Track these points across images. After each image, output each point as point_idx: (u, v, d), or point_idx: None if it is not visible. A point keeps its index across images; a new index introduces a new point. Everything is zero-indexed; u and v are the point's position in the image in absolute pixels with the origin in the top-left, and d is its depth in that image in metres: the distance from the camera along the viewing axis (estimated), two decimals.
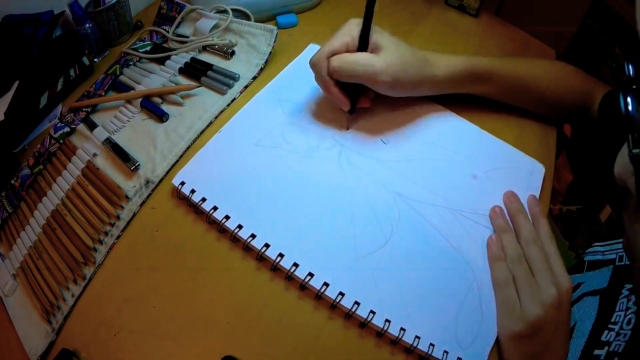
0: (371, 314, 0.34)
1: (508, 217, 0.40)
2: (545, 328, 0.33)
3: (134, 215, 0.42)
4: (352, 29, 0.42)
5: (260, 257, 0.38)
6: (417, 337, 0.33)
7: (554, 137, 0.52)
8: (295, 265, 0.37)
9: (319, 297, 0.36)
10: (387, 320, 0.34)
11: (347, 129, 0.46)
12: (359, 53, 0.41)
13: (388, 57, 0.40)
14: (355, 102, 0.44)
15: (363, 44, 0.41)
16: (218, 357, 0.33)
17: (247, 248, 0.39)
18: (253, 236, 0.38)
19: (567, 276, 0.35)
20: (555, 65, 0.50)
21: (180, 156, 0.46)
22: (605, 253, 0.45)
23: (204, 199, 0.40)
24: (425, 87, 0.44)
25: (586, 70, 0.51)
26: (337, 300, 0.35)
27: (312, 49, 0.55)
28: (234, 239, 0.39)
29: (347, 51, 0.41)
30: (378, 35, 0.41)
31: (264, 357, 0.34)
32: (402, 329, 0.34)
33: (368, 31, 0.41)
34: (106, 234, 0.41)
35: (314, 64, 0.42)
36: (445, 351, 0.33)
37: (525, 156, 0.46)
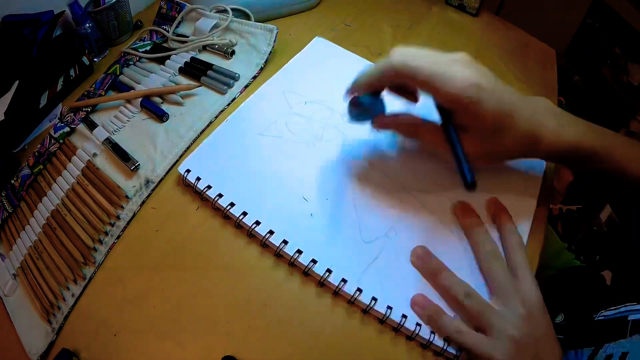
0: (373, 301, 0.35)
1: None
2: (524, 346, 0.31)
3: (134, 215, 0.42)
4: None
5: (264, 244, 0.38)
6: (418, 324, 0.34)
7: None
8: (299, 252, 0.37)
9: (322, 284, 0.36)
10: (389, 307, 0.35)
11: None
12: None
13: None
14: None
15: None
16: (218, 357, 0.33)
17: (251, 235, 0.39)
18: (257, 223, 0.39)
19: (534, 290, 0.33)
20: None
21: (181, 156, 0.46)
22: None
23: (209, 187, 0.41)
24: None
25: (586, 70, 0.50)
26: (340, 286, 0.35)
27: (317, 42, 0.56)
28: (238, 225, 0.40)
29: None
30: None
31: (264, 357, 0.34)
32: (403, 315, 0.34)
33: None
34: (106, 233, 0.41)
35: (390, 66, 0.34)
36: (445, 339, 0.33)
37: None
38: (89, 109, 0.52)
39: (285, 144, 0.45)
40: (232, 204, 0.40)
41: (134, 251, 0.40)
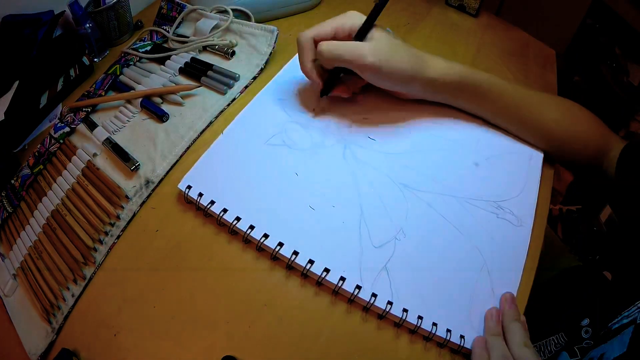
0: (389, 305, 0.35)
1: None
2: None
3: (134, 215, 0.42)
4: (348, 20, 0.41)
5: (275, 257, 0.38)
6: (434, 324, 0.34)
7: None
8: (311, 262, 0.37)
9: (336, 292, 0.36)
10: (405, 310, 0.35)
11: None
12: (348, 41, 0.40)
13: (378, 44, 0.39)
14: (331, 86, 0.44)
15: (360, 35, 0.40)
16: (218, 357, 0.33)
17: (260, 248, 0.39)
18: (266, 236, 0.38)
19: None
20: (567, 103, 0.46)
21: (181, 156, 0.46)
22: (630, 315, 0.36)
23: (212, 202, 0.40)
24: (417, 85, 0.42)
25: (586, 70, 0.50)
26: (355, 293, 0.35)
27: None
28: (246, 240, 0.39)
29: (335, 39, 0.41)
30: (374, 30, 0.41)
31: (264, 357, 0.34)
32: (419, 317, 0.34)
33: (370, 25, 0.40)
34: (106, 234, 0.41)
35: (300, 43, 0.42)
36: (461, 335, 0.34)
37: (522, 144, 0.47)
38: (89, 109, 0.52)
39: (287, 153, 0.44)
40: (237, 219, 0.39)
41: (134, 251, 0.40)
